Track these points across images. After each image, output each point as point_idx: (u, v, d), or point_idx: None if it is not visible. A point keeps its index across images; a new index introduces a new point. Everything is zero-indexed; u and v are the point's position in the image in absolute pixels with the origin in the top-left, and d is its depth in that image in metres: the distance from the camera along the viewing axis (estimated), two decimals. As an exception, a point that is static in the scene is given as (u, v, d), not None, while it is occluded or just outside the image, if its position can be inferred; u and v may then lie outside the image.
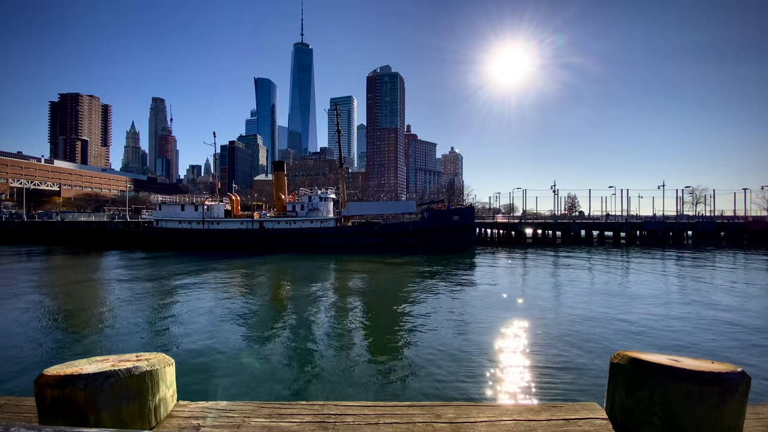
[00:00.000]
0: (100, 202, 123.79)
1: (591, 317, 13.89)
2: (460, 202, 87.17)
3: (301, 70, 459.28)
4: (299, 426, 1.47)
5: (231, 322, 13.75)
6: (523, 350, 10.37)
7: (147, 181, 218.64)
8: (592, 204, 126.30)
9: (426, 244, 43.26)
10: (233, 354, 10.34)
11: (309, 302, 17.44)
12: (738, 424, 1.31)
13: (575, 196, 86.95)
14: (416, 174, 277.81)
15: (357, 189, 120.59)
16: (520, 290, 20.52)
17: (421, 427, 1.48)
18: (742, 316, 14.03)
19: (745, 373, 1.32)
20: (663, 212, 67.86)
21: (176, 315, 14.93)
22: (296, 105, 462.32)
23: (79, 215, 79.58)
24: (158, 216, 49.93)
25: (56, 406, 1.27)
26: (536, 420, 1.52)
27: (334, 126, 53.74)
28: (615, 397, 1.50)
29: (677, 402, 1.30)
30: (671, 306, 15.95)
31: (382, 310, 16.19)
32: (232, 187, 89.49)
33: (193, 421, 1.49)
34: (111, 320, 14.22)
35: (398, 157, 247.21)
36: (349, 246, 42.89)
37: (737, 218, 61.42)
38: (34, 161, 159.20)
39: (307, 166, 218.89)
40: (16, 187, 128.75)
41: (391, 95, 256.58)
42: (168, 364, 1.54)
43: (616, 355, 1.53)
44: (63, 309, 16.27)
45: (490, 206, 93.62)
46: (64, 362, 1.41)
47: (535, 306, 16.03)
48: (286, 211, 49.61)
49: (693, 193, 77.45)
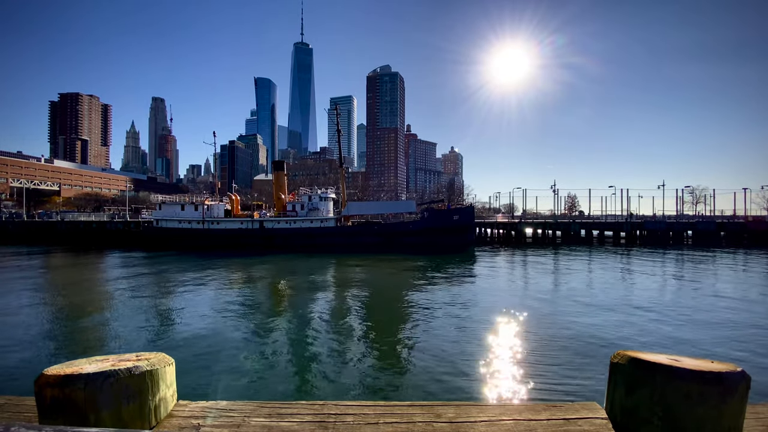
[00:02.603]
0: (100, 202, 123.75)
1: (591, 317, 13.89)
2: (460, 201, 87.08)
3: (301, 69, 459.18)
4: (299, 426, 1.47)
5: (231, 321, 13.76)
6: (522, 350, 10.36)
7: (147, 180, 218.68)
8: (592, 204, 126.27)
9: (426, 243, 43.25)
10: (233, 354, 10.34)
11: (309, 302, 17.45)
12: (738, 424, 1.31)
13: (575, 196, 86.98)
14: (416, 174, 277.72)
15: (357, 189, 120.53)
16: (520, 290, 20.52)
17: (421, 426, 1.48)
18: (742, 316, 14.03)
19: (745, 372, 1.32)
20: (663, 212, 67.91)
21: (176, 315, 14.94)
22: (296, 105, 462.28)
23: (79, 215, 79.53)
24: (158, 216, 49.95)
25: (56, 406, 1.27)
26: (536, 419, 1.52)
27: (334, 126, 53.72)
28: (615, 396, 1.50)
29: (677, 402, 1.30)
30: (671, 306, 15.95)
31: (381, 310, 16.20)
32: (232, 187, 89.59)
33: (193, 420, 1.50)
34: (111, 320, 14.23)
35: (398, 156, 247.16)
36: (349, 246, 42.88)
37: (737, 218, 61.41)
38: (34, 161, 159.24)
39: (307, 166, 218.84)
40: (16, 187, 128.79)
41: (391, 95, 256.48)
42: (168, 364, 1.54)
43: (616, 354, 1.53)
44: (63, 309, 16.27)
45: (490, 206, 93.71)
46: (64, 362, 1.41)
47: (535, 306, 16.03)
48: (286, 210, 49.61)
49: (693, 193, 77.48)
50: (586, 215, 72.29)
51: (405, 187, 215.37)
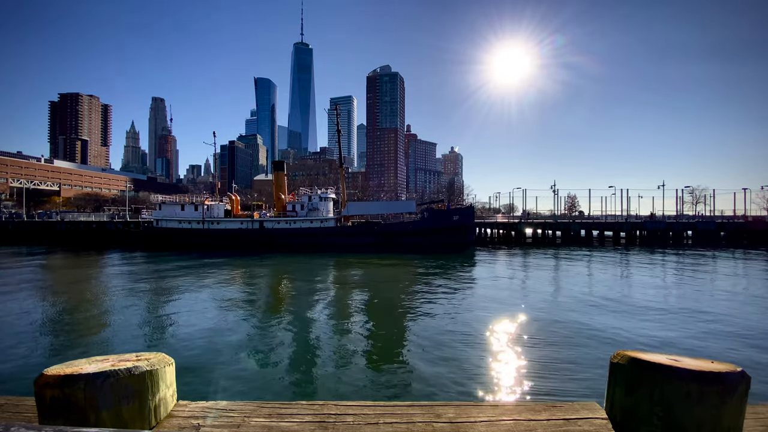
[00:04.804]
0: (100, 202, 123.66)
1: (591, 317, 13.88)
2: (460, 202, 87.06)
3: (301, 70, 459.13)
4: (299, 426, 1.47)
5: (231, 321, 13.75)
6: (522, 350, 10.36)
7: (147, 180, 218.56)
8: (592, 204, 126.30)
9: (426, 244, 43.23)
10: (233, 354, 10.33)
11: (309, 302, 17.45)
12: (738, 424, 1.31)
13: (575, 196, 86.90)
14: (416, 174, 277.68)
15: (357, 189, 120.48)
16: (520, 290, 20.52)
17: (421, 426, 1.48)
18: (742, 316, 14.03)
19: (745, 373, 1.32)
20: (663, 212, 67.88)
21: (176, 315, 14.93)
22: (296, 105, 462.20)
23: (79, 215, 79.52)
24: (158, 216, 49.91)
25: (56, 406, 1.27)
26: (536, 420, 1.52)
27: (334, 126, 53.69)
28: (615, 396, 1.50)
29: (677, 402, 1.30)
30: (671, 306, 15.94)
31: (381, 310, 16.19)
32: (232, 187, 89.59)
33: (193, 420, 1.50)
34: (111, 320, 14.22)
35: (398, 157, 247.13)
36: (349, 246, 42.86)
37: (737, 218, 61.39)
38: (34, 161, 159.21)
39: (307, 166, 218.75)
40: (15, 187, 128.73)
41: (391, 95, 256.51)
42: (168, 364, 1.54)
43: (616, 354, 1.53)
44: (63, 309, 16.26)
45: (490, 206, 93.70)
46: (64, 362, 1.41)
47: (535, 306, 16.03)
48: (286, 211, 49.59)
49: (693, 193, 77.43)
50: (586, 215, 72.30)
51: (405, 187, 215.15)
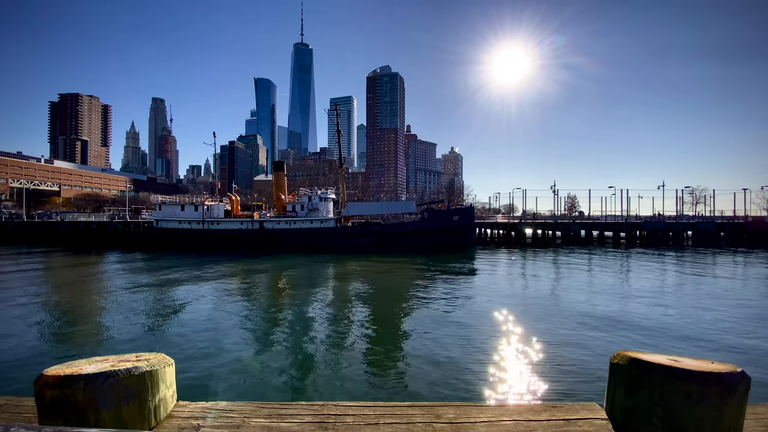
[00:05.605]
0: (100, 203, 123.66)
1: (591, 317, 13.88)
2: (460, 202, 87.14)
3: (301, 70, 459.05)
4: (299, 426, 1.47)
5: (231, 322, 13.75)
6: (522, 350, 10.36)
7: (147, 181, 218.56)
8: (592, 204, 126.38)
9: (426, 244, 43.24)
10: (233, 354, 10.33)
11: (309, 302, 17.44)
12: (738, 425, 1.31)
13: (575, 196, 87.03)
14: (416, 174, 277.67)
15: (357, 189, 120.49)
16: (520, 290, 20.51)
17: (421, 427, 1.48)
18: (743, 316, 14.03)
19: (745, 373, 1.31)
20: (663, 212, 67.92)
21: (176, 315, 14.93)
22: (296, 105, 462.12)
23: (79, 215, 79.52)
24: (158, 216, 49.91)
25: (56, 407, 1.27)
26: (536, 420, 1.52)
27: (334, 126, 53.73)
28: (615, 397, 1.50)
29: (677, 402, 1.30)
30: (671, 306, 15.94)
31: (381, 310, 16.19)
32: (232, 187, 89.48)
33: (193, 421, 1.50)
34: (111, 321, 14.22)
35: (398, 157, 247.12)
36: (349, 246, 42.87)
37: (737, 218, 61.41)
38: (33, 161, 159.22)
39: (307, 166, 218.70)
40: (16, 187, 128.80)
41: (391, 95, 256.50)
42: (168, 364, 1.54)
43: (616, 355, 1.53)
44: (63, 310, 16.26)
45: (490, 206, 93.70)
46: (63, 362, 1.41)
47: (535, 306, 16.03)
48: (286, 211, 49.60)
49: (693, 193, 77.52)
50: (586, 215, 72.32)
51: (405, 187, 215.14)
